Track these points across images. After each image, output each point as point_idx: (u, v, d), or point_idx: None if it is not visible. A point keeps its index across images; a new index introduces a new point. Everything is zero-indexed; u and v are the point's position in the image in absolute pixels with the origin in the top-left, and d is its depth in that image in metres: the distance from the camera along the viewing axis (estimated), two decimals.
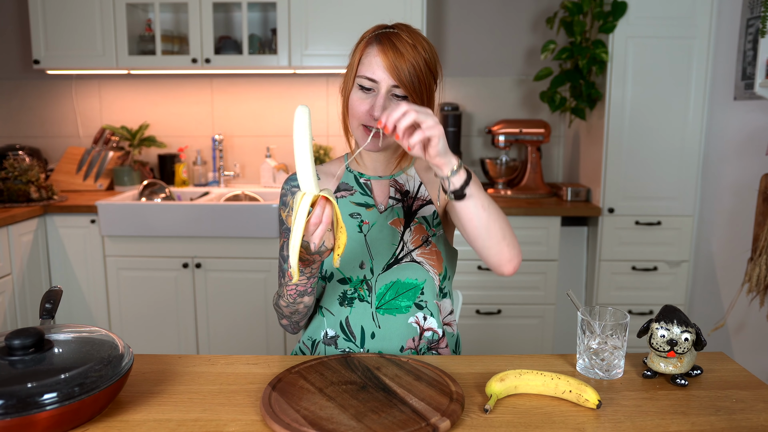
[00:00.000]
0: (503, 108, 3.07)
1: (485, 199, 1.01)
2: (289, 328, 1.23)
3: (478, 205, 1.00)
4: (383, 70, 1.09)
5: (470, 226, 1.02)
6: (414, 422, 0.81)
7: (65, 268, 2.63)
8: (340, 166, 1.28)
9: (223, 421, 0.85)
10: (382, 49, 1.11)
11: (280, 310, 1.17)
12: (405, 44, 1.11)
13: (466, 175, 0.98)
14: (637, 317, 2.60)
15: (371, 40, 1.13)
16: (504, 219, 1.05)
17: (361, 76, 1.12)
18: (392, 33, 1.12)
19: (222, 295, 2.60)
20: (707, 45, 2.48)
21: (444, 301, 1.24)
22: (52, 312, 1.02)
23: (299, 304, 1.12)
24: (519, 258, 1.07)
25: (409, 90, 1.10)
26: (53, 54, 2.75)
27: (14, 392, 0.76)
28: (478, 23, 3.02)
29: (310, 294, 1.12)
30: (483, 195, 1.01)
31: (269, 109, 3.08)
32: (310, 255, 0.97)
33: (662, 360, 0.98)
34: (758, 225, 2.00)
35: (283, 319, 1.21)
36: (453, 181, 0.96)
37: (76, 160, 2.95)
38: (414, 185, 1.26)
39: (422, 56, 1.12)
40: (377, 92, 1.11)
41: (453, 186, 0.97)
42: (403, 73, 1.09)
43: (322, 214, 0.91)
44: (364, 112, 1.13)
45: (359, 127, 1.15)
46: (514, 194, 2.81)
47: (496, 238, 1.03)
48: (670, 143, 2.56)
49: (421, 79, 1.11)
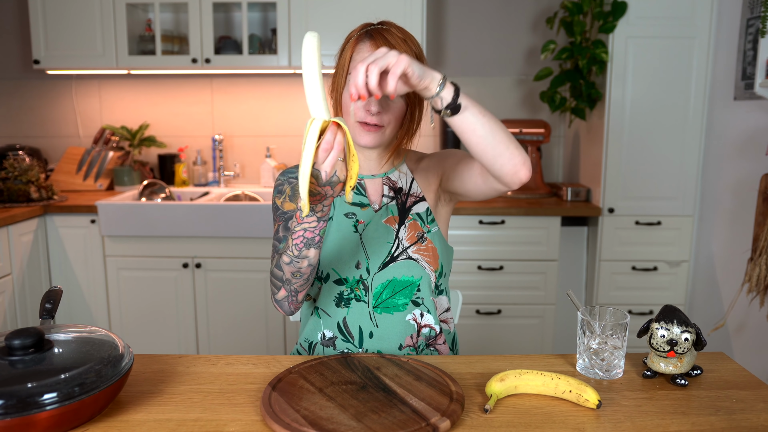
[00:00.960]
0: (503, 108, 3.07)
1: (481, 107, 0.98)
2: (286, 303, 1.13)
3: (476, 113, 0.97)
4: None
5: (475, 136, 0.98)
6: (414, 422, 0.81)
7: (65, 268, 2.63)
8: None
9: (223, 421, 0.85)
10: (374, 43, 1.11)
11: (279, 273, 1.09)
12: (396, 38, 1.11)
13: (454, 87, 0.95)
14: (637, 317, 2.60)
15: (362, 36, 1.14)
16: (502, 127, 1.00)
17: None
18: (383, 28, 1.13)
19: (222, 295, 2.60)
20: (707, 45, 2.48)
21: (440, 298, 1.24)
22: (52, 312, 1.02)
23: (304, 259, 1.03)
24: (527, 165, 1.01)
25: None
26: (53, 54, 2.75)
27: (14, 392, 0.76)
28: (478, 23, 3.02)
29: (317, 246, 1.03)
30: (477, 104, 0.98)
31: (269, 109, 3.08)
32: (321, 187, 0.91)
33: (662, 360, 0.98)
34: (758, 225, 2.00)
35: (280, 290, 1.11)
36: (443, 96, 0.94)
37: (76, 160, 2.95)
38: (406, 182, 1.25)
39: (413, 51, 1.12)
40: None
41: (445, 101, 0.94)
42: None
43: (333, 140, 0.86)
44: (360, 109, 1.13)
45: (356, 125, 1.15)
46: (514, 194, 2.81)
47: (504, 143, 0.99)
48: (670, 143, 2.56)
49: None
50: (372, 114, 1.13)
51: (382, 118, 1.14)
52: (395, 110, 1.15)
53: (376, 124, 1.14)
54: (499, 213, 2.57)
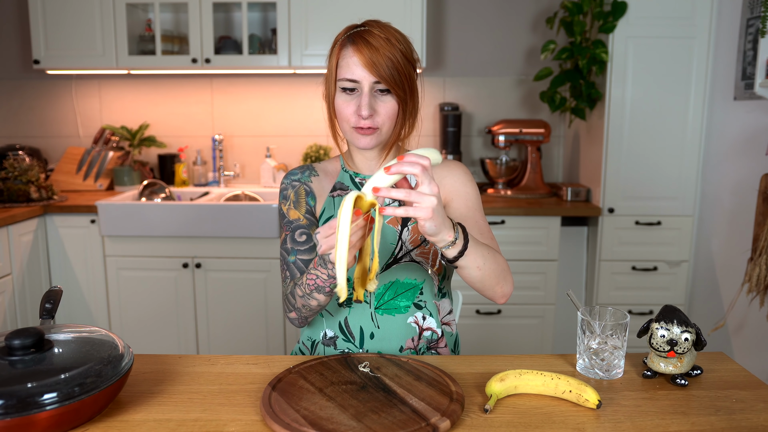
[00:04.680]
0: (503, 108, 3.07)
1: (479, 259, 1.01)
2: (296, 322, 1.18)
3: (472, 267, 1.00)
4: (361, 68, 1.10)
5: (470, 278, 1.03)
6: (414, 422, 0.81)
7: (65, 268, 2.63)
8: (336, 164, 1.29)
9: (223, 421, 0.85)
10: (356, 48, 1.10)
11: (292, 300, 1.13)
12: (378, 39, 1.11)
13: (461, 247, 0.96)
14: (637, 317, 2.60)
15: (344, 42, 1.13)
16: (498, 265, 1.06)
17: (341, 78, 1.12)
18: (364, 31, 1.13)
19: (222, 295, 2.60)
20: (707, 45, 2.48)
21: (443, 301, 1.24)
22: (52, 312, 1.02)
23: (313, 300, 1.08)
24: (511, 289, 1.12)
25: (390, 83, 1.10)
26: (53, 54, 2.75)
27: (14, 392, 0.76)
28: (478, 23, 3.02)
29: (327, 294, 1.07)
30: (478, 255, 1.00)
31: (269, 109, 3.08)
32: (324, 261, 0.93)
33: (662, 360, 0.98)
34: (758, 225, 2.00)
35: (291, 312, 1.16)
36: (448, 253, 0.97)
37: (76, 160, 2.95)
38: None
39: (397, 48, 1.11)
40: (360, 92, 1.12)
41: (448, 255, 0.97)
42: (382, 68, 1.09)
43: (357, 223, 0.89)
44: (352, 114, 1.13)
45: (351, 130, 1.15)
46: (514, 194, 2.81)
47: (490, 287, 1.07)
48: (670, 143, 2.56)
49: (400, 71, 1.11)
50: (364, 118, 1.12)
51: (374, 120, 1.13)
52: (387, 110, 1.14)
53: (370, 127, 1.14)
54: (499, 213, 2.56)
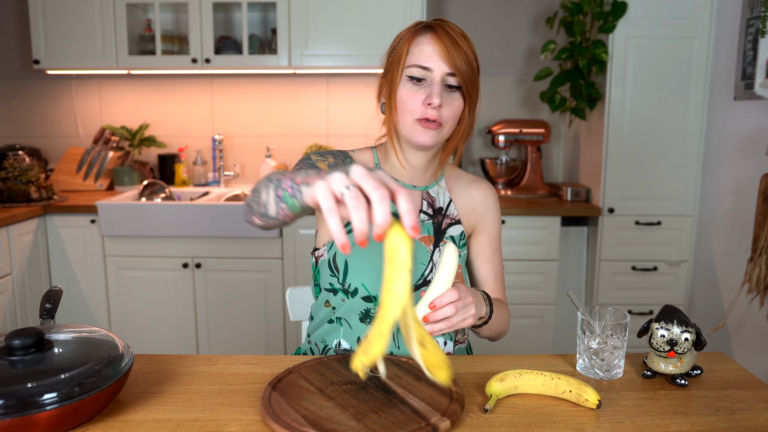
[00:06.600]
0: (503, 108, 3.07)
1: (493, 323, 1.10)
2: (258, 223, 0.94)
3: (485, 329, 1.11)
4: (438, 56, 1.06)
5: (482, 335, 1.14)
6: (414, 422, 0.81)
7: (65, 268, 2.63)
8: (368, 157, 1.22)
9: (223, 421, 0.85)
10: (436, 36, 1.07)
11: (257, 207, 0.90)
12: (457, 33, 1.08)
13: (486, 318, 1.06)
14: (637, 317, 2.60)
15: (420, 30, 1.10)
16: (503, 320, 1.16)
17: (412, 65, 1.07)
18: (442, 22, 1.10)
19: (222, 295, 2.60)
20: (707, 45, 2.48)
21: None
22: (52, 312, 1.02)
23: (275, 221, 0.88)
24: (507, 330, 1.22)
25: (464, 78, 1.07)
26: (53, 54, 2.75)
27: (14, 392, 0.75)
28: (478, 23, 3.02)
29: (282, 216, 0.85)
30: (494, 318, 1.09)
31: (269, 109, 3.08)
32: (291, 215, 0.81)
33: (662, 360, 0.98)
34: (758, 225, 2.00)
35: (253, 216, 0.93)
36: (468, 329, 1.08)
37: (76, 160, 2.95)
38: (444, 200, 1.21)
39: (471, 48, 1.09)
40: (430, 82, 1.07)
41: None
42: (459, 60, 1.06)
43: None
44: (418, 104, 1.07)
45: (413, 123, 1.09)
46: (514, 194, 2.81)
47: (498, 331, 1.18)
48: (670, 143, 2.56)
49: (473, 69, 1.09)
50: (434, 108, 1.06)
51: (442, 113, 1.07)
52: (453, 108, 1.09)
53: (436, 120, 1.07)
54: None
